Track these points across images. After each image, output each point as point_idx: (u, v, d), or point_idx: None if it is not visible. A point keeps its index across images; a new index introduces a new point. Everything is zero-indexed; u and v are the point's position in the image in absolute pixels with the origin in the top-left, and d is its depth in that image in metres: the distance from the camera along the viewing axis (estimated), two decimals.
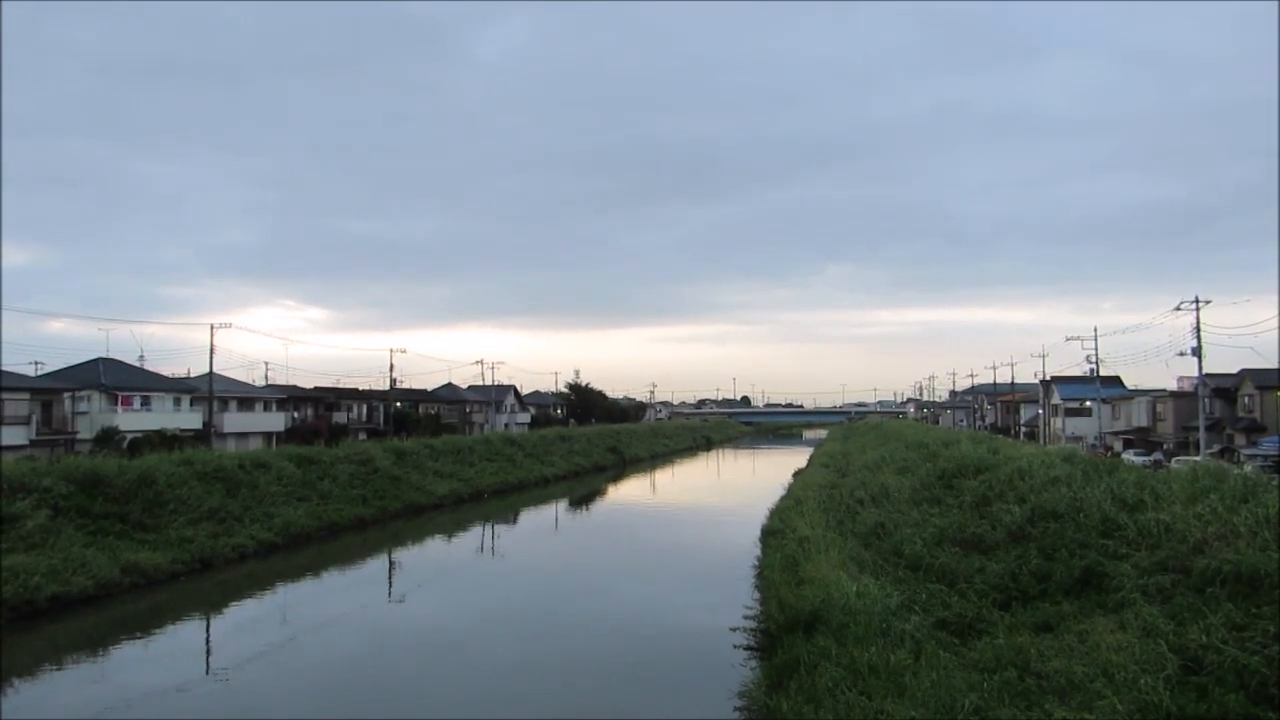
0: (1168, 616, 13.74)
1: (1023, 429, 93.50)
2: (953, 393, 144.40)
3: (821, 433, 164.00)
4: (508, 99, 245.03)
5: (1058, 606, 16.42)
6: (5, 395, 51.74)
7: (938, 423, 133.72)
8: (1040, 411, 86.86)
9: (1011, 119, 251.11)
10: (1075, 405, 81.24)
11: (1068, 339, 75.32)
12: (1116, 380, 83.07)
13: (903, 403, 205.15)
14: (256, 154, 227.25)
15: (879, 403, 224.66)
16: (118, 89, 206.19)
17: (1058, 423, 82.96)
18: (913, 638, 15.08)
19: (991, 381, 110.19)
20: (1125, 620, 14.24)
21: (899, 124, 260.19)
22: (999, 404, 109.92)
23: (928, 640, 15.03)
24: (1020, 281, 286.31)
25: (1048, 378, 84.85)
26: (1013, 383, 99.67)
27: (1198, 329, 51.96)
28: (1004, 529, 22.29)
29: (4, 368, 56.41)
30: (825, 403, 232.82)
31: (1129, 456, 51.18)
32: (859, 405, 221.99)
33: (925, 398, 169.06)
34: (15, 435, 50.39)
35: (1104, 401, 75.11)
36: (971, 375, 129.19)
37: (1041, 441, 73.60)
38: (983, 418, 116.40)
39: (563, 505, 57.19)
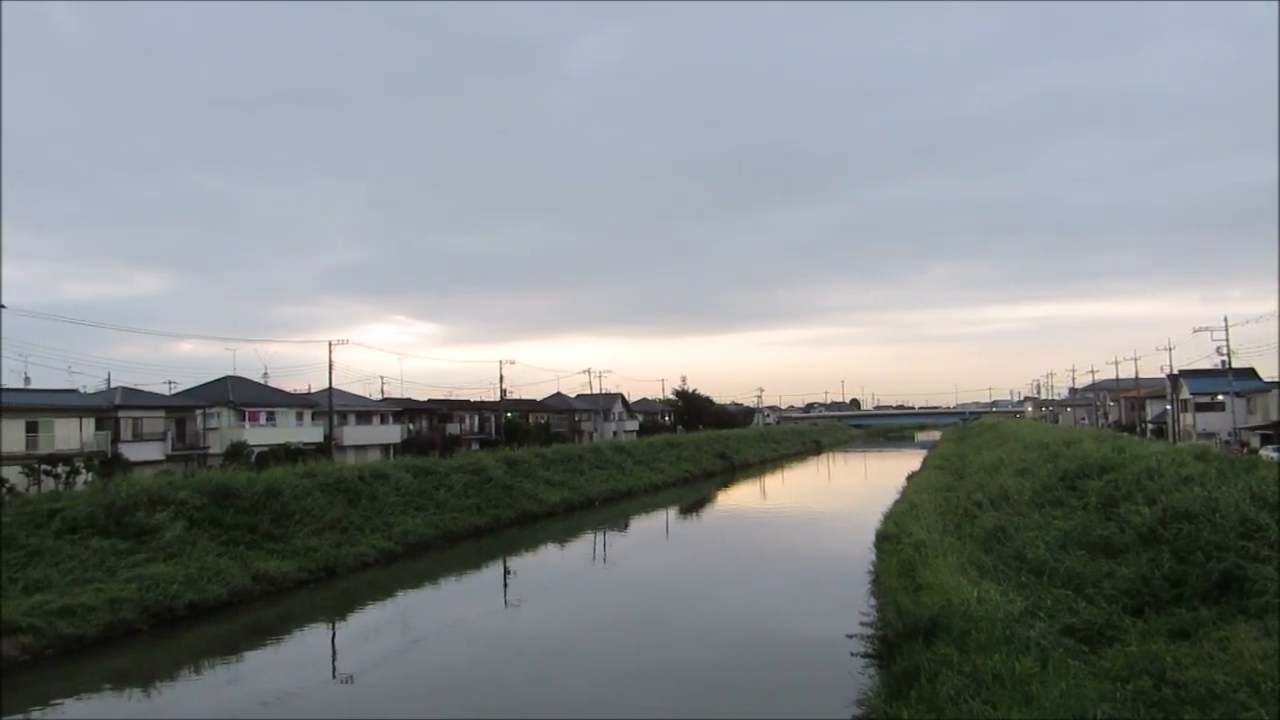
0: None
1: (1149, 426, 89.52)
2: (1072, 390, 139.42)
3: (934, 434, 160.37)
4: (602, 111, 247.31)
5: (1195, 612, 15.65)
6: (144, 413, 54.73)
7: (1058, 422, 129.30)
8: (1168, 407, 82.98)
9: (1122, 103, 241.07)
10: (1206, 400, 77.32)
11: (1195, 330, 71.38)
12: (1251, 372, 78.62)
13: (1019, 402, 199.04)
14: (363, 176, 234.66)
15: (994, 402, 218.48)
16: (232, 121, 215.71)
17: (1187, 419, 79.11)
18: (1038, 645, 14.58)
19: (1114, 377, 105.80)
20: (1270, 627, 13.50)
21: (999, 115, 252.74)
22: (1122, 401, 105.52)
23: (1054, 648, 14.51)
24: (1139, 272, 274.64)
25: (1175, 371, 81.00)
26: (1136, 378, 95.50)
27: None
28: (1133, 531, 21.37)
29: (142, 387, 59.71)
30: (937, 403, 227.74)
31: (1267, 453, 48.47)
32: (973, 405, 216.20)
33: (1043, 396, 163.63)
34: (153, 450, 53.24)
35: (1238, 395, 71.24)
36: (1092, 371, 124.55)
37: (1170, 439, 70.32)
38: (1105, 415, 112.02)
39: (673, 512, 57.26)
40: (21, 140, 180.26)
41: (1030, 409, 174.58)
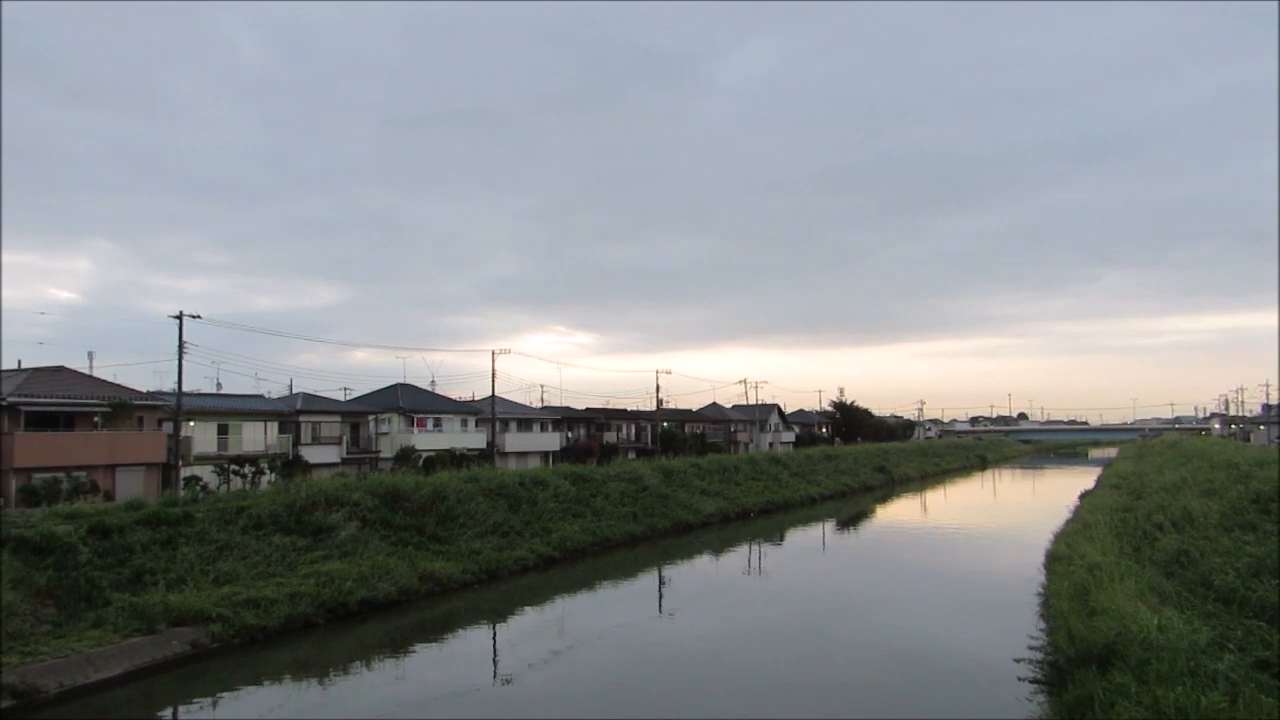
0: None
1: None
2: (1266, 406, 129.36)
3: (1110, 451, 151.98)
4: (754, 122, 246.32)
5: None
6: (321, 418, 57.92)
7: (1249, 440, 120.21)
8: None
9: None
10: None
11: None
12: None
13: (1205, 418, 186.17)
14: (522, 191, 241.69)
15: (1176, 419, 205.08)
16: (399, 140, 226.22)
17: None
18: (1227, 679, 13.58)
19: None
20: None
21: (1178, 114, 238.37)
22: None
23: (1245, 682, 13.47)
24: None
25: None
26: None
27: None
28: None
29: (320, 393, 63.19)
30: (1113, 419, 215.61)
31: None
32: (1153, 422, 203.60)
33: (1233, 413, 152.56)
34: (329, 453, 56.31)
35: None
36: None
37: None
38: None
39: (829, 525, 56.26)
40: (213, 162, 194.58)
41: (1218, 426, 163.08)
